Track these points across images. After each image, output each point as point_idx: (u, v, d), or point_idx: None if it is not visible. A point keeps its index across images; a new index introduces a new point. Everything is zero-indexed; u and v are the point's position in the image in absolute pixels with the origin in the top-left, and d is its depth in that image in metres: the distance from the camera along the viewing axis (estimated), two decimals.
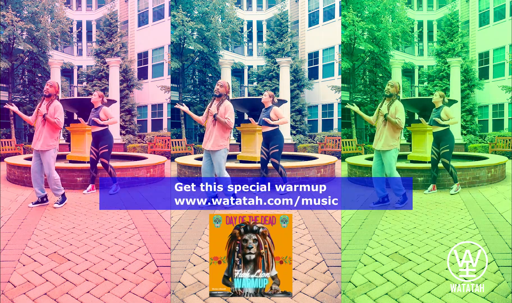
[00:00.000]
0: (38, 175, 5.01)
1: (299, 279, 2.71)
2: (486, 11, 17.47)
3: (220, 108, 4.85)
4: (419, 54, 20.51)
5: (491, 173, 6.93)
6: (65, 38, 17.23)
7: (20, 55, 15.80)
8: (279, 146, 5.80)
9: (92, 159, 6.13)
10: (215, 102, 4.95)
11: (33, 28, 14.85)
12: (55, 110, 4.95)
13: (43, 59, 15.85)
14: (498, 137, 13.72)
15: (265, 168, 6.01)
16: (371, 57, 16.19)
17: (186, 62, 16.60)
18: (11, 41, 14.99)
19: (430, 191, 6.08)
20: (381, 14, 14.82)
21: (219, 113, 4.84)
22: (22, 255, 3.15)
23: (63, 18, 16.12)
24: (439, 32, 18.43)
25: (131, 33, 18.88)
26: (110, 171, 6.04)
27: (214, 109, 4.88)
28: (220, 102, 4.90)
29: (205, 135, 4.95)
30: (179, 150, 14.04)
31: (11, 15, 14.09)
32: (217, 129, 4.86)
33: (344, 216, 4.44)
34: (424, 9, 20.27)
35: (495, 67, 17.10)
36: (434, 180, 6.16)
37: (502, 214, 4.53)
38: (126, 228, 3.98)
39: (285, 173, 5.96)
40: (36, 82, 16.61)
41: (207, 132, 4.93)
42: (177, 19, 14.84)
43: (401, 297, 2.47)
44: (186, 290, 2.56)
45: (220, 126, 4.85)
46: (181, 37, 15.54)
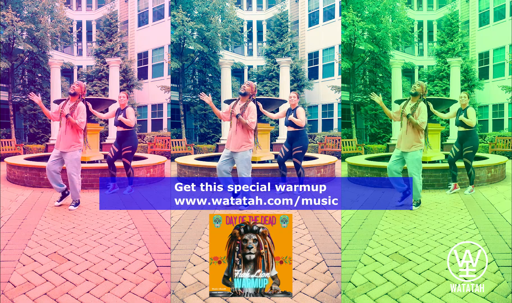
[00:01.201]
0: (54, 172, 5.00)
1: (299, 279, 2.71)
2: (486, 11, 17.47)
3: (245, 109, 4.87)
4: (419, 54, 20.51)
5: (491, 173, 6.93)
6: (65, 38, 17.23)
7: (20, 55, 15.80)
8: (303, 147, 5.81)
9: (110, 158, 5.99)
10: (240, 102, 4.96)
11: (33, 28, 14.85)
12: (78, 111, 4.94)
13: (43, 59, 15.85)
14: (498, 137, 13.72)
15: (283, 166, 5.97)
16: (371, 57, 16.19)
17: (186, 62, 16.60)
18: (11, 41, 14.99)
19: (452, 191, 5.99)
20: (381, 14, 14.82)
21: (243, 115, 4.83)
22: (22, 255, 3.15)
23: (63, 18, 16.12)
24: (439, 32, 18.43)
25: (131, 33, 18.88)
26: (130, 172, 6.04)
27: (238, 109, 4.89)
28: (245, 103, 4.90)
29: (228, 135, 4.96)
30: (179, 150, 14.04)
31: (11, 15, 14.09)
32: (241, 129, 4.85)
33: (344, 216, 4.44)
34: (424, 9, 20.27)
35: (495, 67, 17.10)
36: (455, 178, 6.07)
37: (502, 214, 4.53)
38: (126, 228, 3.98)
39: (304, 174, 5.98)
40: (36, 82, 16.61)
41: (231, 132, 4.93)
42: (177, 19, 14.84)
43: (401, 297, 2.47)
44: (186, 290, 2.56)
45: (243, 127, 4.85)
46: (181, 37, 15.54)
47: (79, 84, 5.07)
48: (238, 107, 4.90)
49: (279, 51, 17.71)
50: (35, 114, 16.40)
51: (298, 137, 5.81)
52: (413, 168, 4.86)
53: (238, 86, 19.08)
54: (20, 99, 16.47)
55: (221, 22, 16.42)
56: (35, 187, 6.56)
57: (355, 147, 13.87)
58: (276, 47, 17.79)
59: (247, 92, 4.92)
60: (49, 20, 15.87)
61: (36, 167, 6.74)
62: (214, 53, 16.69)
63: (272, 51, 17.94)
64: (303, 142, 5.81)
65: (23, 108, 16.23)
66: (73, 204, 4.98)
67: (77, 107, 4.96)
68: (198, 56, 16.90)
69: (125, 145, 5.99)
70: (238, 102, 4.99)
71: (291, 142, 5.87)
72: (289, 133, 5.89)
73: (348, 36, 14.85)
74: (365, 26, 14.41)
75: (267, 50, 18.33)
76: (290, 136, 5.88)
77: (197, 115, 17.25)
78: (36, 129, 16.38)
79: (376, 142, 16.74)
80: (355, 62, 15.93)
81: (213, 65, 16.84)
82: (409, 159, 4.86)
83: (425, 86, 4.95)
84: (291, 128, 5.84)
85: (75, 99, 5.04)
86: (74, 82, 5.14)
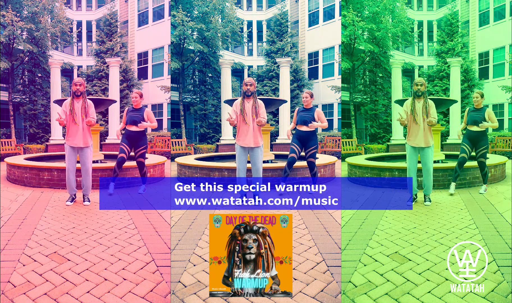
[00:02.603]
0: (73, 175, 5.21)
1: (299, 279, 2.71)
2: (486, 11, 17.47)
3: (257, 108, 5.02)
4: (419, 54, 20.51)
5: (491, 173, 6.93)
6: (65, 38, 17.24)
7: (20, 55, 15.80)
8: (316, 147, 5.86)
9: (123, 158, 5.85)
10: (247, 101, 5.05)
11: (33, 28, 14.85)
12: (89, 109, 5.21)
13: (43, 59, 15.85)
14: (498, 137, 13.72)
15: (292, 167, 5.87)
16: (371, 57, 16.19)
17: (186, 62, 16.60)
18: (11, 41, 14.99)
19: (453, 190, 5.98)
20: (381, 14, 14.82)
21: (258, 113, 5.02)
22: (22, 255, 3.15)
23: (63, 18, 16.12)
24: (439, 32, 18.43)
25: (131, 33, 18.88)
26: (145, 171, 6.05)
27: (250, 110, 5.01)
28: (254, 101, 5.04)
29: (242, 133, 5.03)
30: (179, 150, 14.04)
31: (11, 15, 14.09)
32: (256, 126, 5.02)
33: (344, 216, 4.44)
34: (424, 9, 20.28)
35: (495, 67, 17.10)
36: (457, 178, 6.07)
37: (502, 214, 4.53)
38: (126, 228, 3.98)
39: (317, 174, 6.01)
40: (36, 82, 16.62)
41: (245, 129, 5.02)
42: (177, 19, 14.84)
43: (401, 297, 2.47)
44: (186, 290, 2.56)
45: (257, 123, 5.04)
46: (181, 37, 15.54)
47: (81, 84, 5.17)
48: (249, 108, 5.02)
49: (279, 51, 17.71)
50: (35, 114, 16.40)
51: (313, 136, 5.82)
52: (431, 162, 5.19)
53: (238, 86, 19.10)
54: (20, 99, 16.47)
55: (221, 22, 16.42)
56: (35, 187, 6.56)
57: (355, 147, 13.87)
58: (276, 47, 17.79)
59: (252, 92, 5.04)
60: (49, 20, 15.87)
61: (36, 167, 6.73)
62: (214, 53, 16.69)
63: (272, 51, 17.94)
64: (316, 142, 5.87)
65: (23, 108, 16.23)
66: (87, 199, 5.24)
67: (87, 105, 5.20)
68: (198, 56, 16.90)
69: (141, 145, 5.96)
70: (244, 102, 5.04)
71: (306, 142, 5.81)
72: (304, 133, 5.79)
73: (348, 36, 14.85)
74: (365, 26, 14.41)
75: (267, 50, 18.33)
76: (305, 136, 5.80)
77: (197, 115, 17.25)
78: (36, 129, 16.37)
79: (376, 142, 16.74)
80: (355, 62, 15.93)
81: (213, 65, 16.84)
82: (429, 153, 5.16)
83: (425, 81, 5.16)
84: (306, 128, 5.77)
85: (81, 98, 5.20)
86: (74, 80, 5.16)
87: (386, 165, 7.09)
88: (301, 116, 5.80)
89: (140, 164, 6.02)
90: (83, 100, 5.18)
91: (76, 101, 5.16)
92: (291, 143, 5.88)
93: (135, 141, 5.96)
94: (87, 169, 5.26)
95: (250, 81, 5.03)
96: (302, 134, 5.81)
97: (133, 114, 5.91)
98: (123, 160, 5.87)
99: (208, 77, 17.58)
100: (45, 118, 16.42)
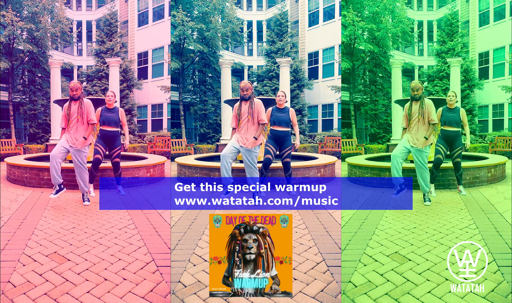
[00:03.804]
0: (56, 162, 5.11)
1: (299, 279, 2.71)
2: (486, 11, 17.47)
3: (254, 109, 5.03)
4: (419, 54, 20.51)
5: (491, 173, 6.93)
6: (65, 38, 17.23)
7: (20, 55, 15.80)
8: (291, 147, 5.85)
9: (99, 160, 5.83)
10: (244, 103, 5.09)
11: (33, 28, 14.85)
12: (88, 111, 5.26)
13: (43, 59, 15.85)
14: (498, 137, 13.72)
15: (268, 168, 5.83)
16: (371, 57, 16.19)
17: (186, 62, 16.59)
18: (11, 41, 14.99)
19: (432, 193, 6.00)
20: (381, 14, 14.82)
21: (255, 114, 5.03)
22: (22, 255, 3.15)
23: (63, 18, 16.12)
24: (439, 32, 18.43)
25: (131, 33, 18.88)
26: (120, 172, 6.03)
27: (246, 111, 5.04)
28: (250, 103, 5.05)
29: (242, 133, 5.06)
30: (179, 150, 14.04)
31: (11, 15, 14.09)
32: (251, 127, 5.05)
33: (344, 216, 4.44)
34: (424, 9, 20.28)
35: (495, 67, 17.10)
36: (435, 180, 6.10)
37: (502, 214, 4.53)
38: (126, 228, 3.98)
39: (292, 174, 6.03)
40: (36, 82, 16.61)
41: (244, 129, 5.06)
42: (177, 19, 14.84)
43: (401, 297, 2.47)
44: (186, 290, 2.56)
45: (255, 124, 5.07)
46: (181, 37, 15.54)
47: (77, 88, 5.20)
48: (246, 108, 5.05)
49: (279, 51, 17.71)
50: (35, 114, 16.40)
51: (288, 137, 5.77)
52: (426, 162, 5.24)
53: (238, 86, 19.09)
54: (20, 99, 16.47)
55: (221, 22, 16.42)
56: (35, 187, 6.56)
57: (355, 147, 13.87)
58: (276, 47, 17.79)
59: (250, 96, 5.06)
60: (49, 20, 15.87)
61: (36, 167, 6.73)
62: (214, 53, 16.69)
63: (272, 51, 17.93)
64: (291, 142, 5.84)
65: (23, 108, 16.23)
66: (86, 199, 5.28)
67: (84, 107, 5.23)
68: (198, 56, 16.90)
69: (116, 146, 5.95)
70: (242, 104, 5.08)
71: (281, 143, 5.73)
72: (280, 133, 5.69)
73: (348, 36, 14.85)
74: (365, 26, 14.40)
75: (267, 50, 18.32)
76: (281, 136, 5.70)
77: (197, 115, 17.25)
78: (36, 129, 16.37)
79: (376, 142, 16.74)
80: (355, 62, 15.93)
81: (213, 65, 16.83)
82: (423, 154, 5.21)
83: (422, 84, 5.31)
84: (282, 128, 5.69)
85: (78, 102, 5.25)
86: (70, 85, 5.21)
87: (386, 165, 7.08)
88: (277, 117, 5.71)
89: (116, 165, 5.99)
90: (80, 103, 5.22)
91: (73, 104, 5.25)
92: (266, 144, 5.77)
93: (110, 142, 5.94)
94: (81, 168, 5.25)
95: (246, 86, 5.02)
96: (277, 134, 5.71)
97: (108, 114, 5.92)
98: (99, 161, 5.84)
99: (208, 77, 17.58)
100: (45, 118, 16.41)
